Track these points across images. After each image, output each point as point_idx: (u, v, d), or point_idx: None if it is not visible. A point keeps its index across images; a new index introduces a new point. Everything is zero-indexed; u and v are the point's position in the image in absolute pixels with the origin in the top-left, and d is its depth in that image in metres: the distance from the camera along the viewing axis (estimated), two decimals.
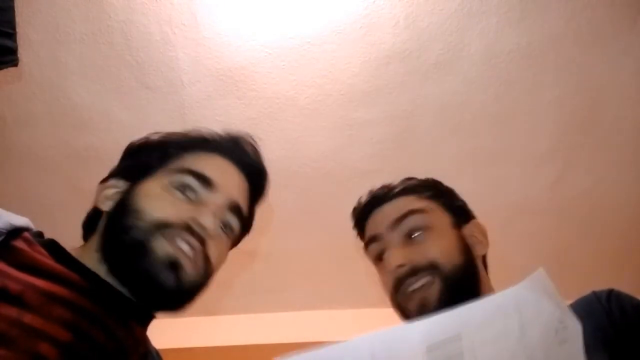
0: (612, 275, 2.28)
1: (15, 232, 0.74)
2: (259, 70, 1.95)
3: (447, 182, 1.06)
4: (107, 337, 0.70)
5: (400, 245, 0.91)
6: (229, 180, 0.83)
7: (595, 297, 0.85)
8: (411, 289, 0.88)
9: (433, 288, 0.87)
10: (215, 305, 2.53)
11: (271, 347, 2.41)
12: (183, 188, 0.78)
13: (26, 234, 0.75)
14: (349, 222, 1.04)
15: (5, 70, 1.20)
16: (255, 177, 0.88)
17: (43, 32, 1.85)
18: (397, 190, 0.99)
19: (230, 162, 0.85)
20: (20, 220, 0.76)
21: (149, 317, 0.80)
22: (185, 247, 0.74)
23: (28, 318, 0.64)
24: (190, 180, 0.79)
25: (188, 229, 0.74)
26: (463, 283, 0.88)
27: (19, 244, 0.72)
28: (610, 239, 2.39)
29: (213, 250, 0.78)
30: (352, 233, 1.04)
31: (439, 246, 0.90)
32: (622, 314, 0.82)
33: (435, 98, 2.02)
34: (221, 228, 0.81)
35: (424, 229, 0.92)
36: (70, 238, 0.86)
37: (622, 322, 0.81)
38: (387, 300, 0.94)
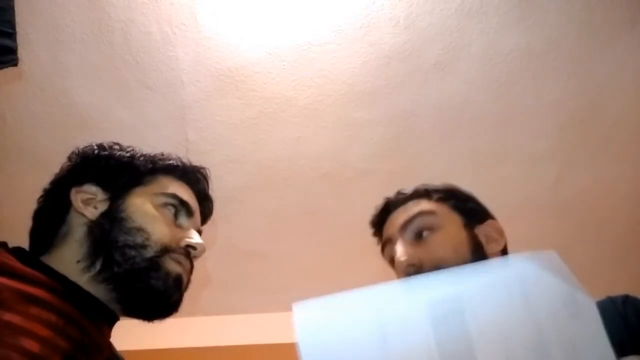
0: (612, 274, 2.28)
1: None
2: (259, 70, 1.95)
3: (447, 182, 1.06)
4: (83, 336, 0.74)
5: (409, 244, 0.95)
6: (197, 209, 0.94)
7: (610, 301, 0.88)
8: None
9: None
10: (215, 306, 2.53)
11: (271, 347, 2.41)
12: (173, 211, 0.88)
13: None
14: (348, 222, 1.05)
15: (5, 70, 1.20)
16: (207, 205, 0.98)
17: (43, 32, 1.85)
18: (408, 194, 1.04)
19: (192, 192, 0.94)
20: None
21: (115, 319, 0.83)
22: (186, 266, 0.85)
23: (8, 316, 0.67)
24: (178, 205, 0.89)
25: (187, 252, 0.85)
26: None
27: None
28: (610, 239, 2.39)
29: None
30: (351, 233, 1.05)
31: (447, 245, 0.94)
32: (638, 318, 0.84)
33: (435, 98, 2.02)
34: None
35: (433, 228, 0.96)
36: None
37: (638, 326, 0.83)
38: None
